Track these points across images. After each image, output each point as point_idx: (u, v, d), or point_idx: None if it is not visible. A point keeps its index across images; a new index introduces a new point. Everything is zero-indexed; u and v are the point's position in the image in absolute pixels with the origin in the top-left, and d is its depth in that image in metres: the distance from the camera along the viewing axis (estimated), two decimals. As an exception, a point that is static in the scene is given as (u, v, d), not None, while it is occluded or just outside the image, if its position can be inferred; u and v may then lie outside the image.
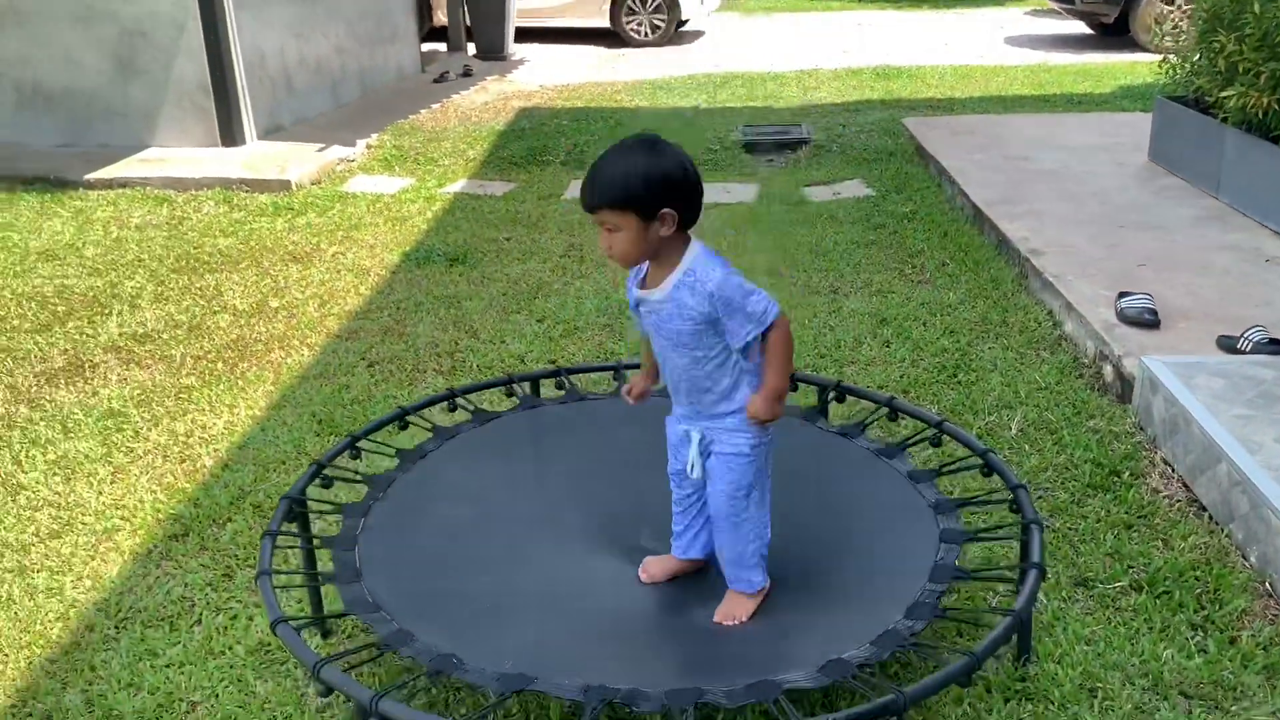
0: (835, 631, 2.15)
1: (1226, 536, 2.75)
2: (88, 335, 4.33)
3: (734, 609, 2.30)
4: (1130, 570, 2.64)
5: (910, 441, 2.81)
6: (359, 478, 2.73)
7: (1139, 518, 2.87)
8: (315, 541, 2.51)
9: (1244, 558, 2.67)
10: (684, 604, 2.35)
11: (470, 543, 2.49)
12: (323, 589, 2.53)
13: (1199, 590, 2.56)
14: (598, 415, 3.02)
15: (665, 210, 2.05)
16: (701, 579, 2.40)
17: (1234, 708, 2.20)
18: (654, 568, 2.42)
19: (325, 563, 2.49)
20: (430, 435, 2.91)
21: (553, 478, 2.75)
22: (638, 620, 2.30)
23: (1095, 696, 2.23)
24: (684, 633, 2.27)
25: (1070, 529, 2.83)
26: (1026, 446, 3.24)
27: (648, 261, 2.15)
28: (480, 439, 2.89)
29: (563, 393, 3.14)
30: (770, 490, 2.29)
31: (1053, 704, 2.21)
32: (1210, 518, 2.84)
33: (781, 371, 2.14)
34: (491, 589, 2.32)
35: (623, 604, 2.32)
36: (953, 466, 2.69)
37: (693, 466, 2.25)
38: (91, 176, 6.59)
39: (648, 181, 2.03)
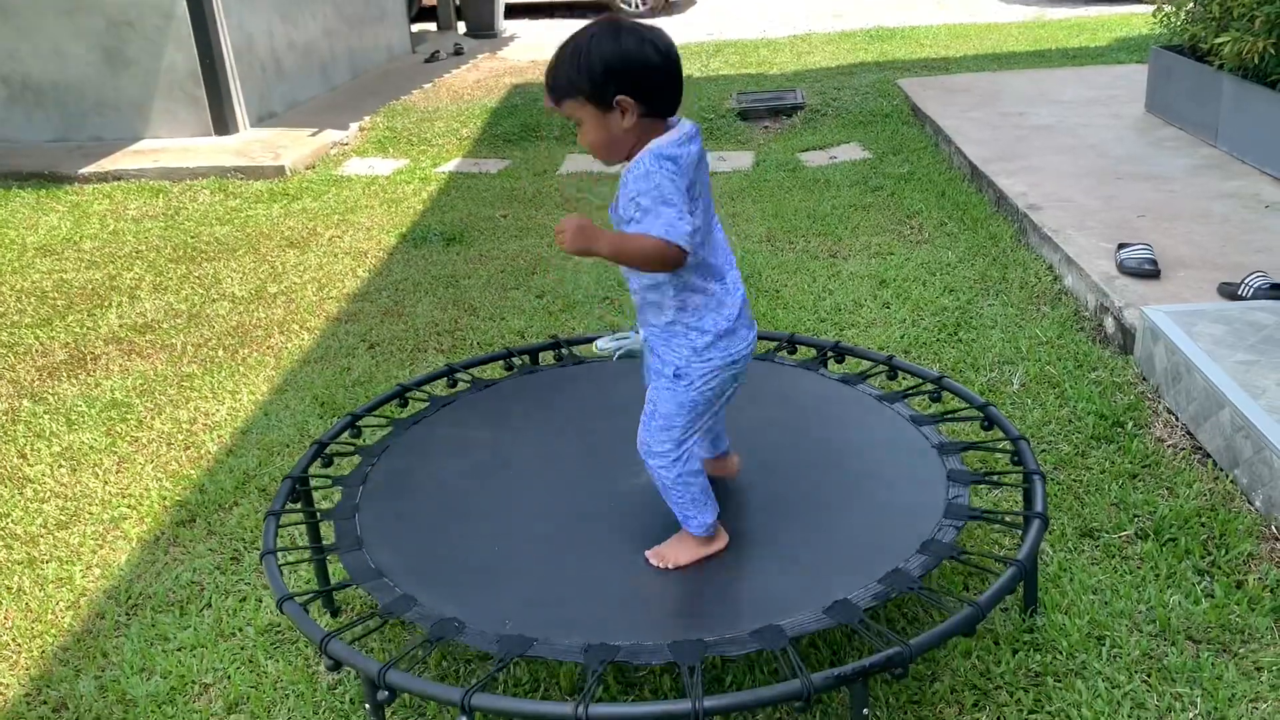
0: (841, 569, 2.11)
1: (1231, 482, 2.75)
2: (88, 327, 4.33)
3: (666, 551, 2.20)
4: (1135, 519, 2.64)
5: (909, 394, 2.79)
6: (358, 453, 2.73)
7: (1143, 467, 2.87)
8: (318, 519, 2.51)
9: (1249, 502, 2.67)
10: None
11: (467, 502, 2.44)
12: (331, 566, 2.54)
13: (1205, 536, 2.56)
14: (594, 374, 3.00)
15: (620, 98, 1.88)
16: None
17: (1242, 650, 2.21)
18: None
19: (329, 537, 2.50)
20: (426, 405, 2.90)
21: (549, 434, 2.71)
22: (636, 571, 2.24)
23: (1103, 644, 2.24)
24: (684, 580, 2.20)
25: (1075, 480, 2.83)
26: (1029, 401, 3.23)
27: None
28: (474, 401, 2.88)
29: (562, 365, 3.13)
30: (696, 444, 2.16)
31: (1060, 654, 2.22)
32: (1214, 464, 2.84)
33: (624, 242, 1.92)
34: (489, 548, 2.28)
35: (620, 555, 2.27)
36: (953, 417, 2.68)
37: (646, 373, 2.16)
38: (86, 170, 6.58)
39: (594, 68, 1.87)
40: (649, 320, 2.12)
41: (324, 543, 2.51)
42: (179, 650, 2.44)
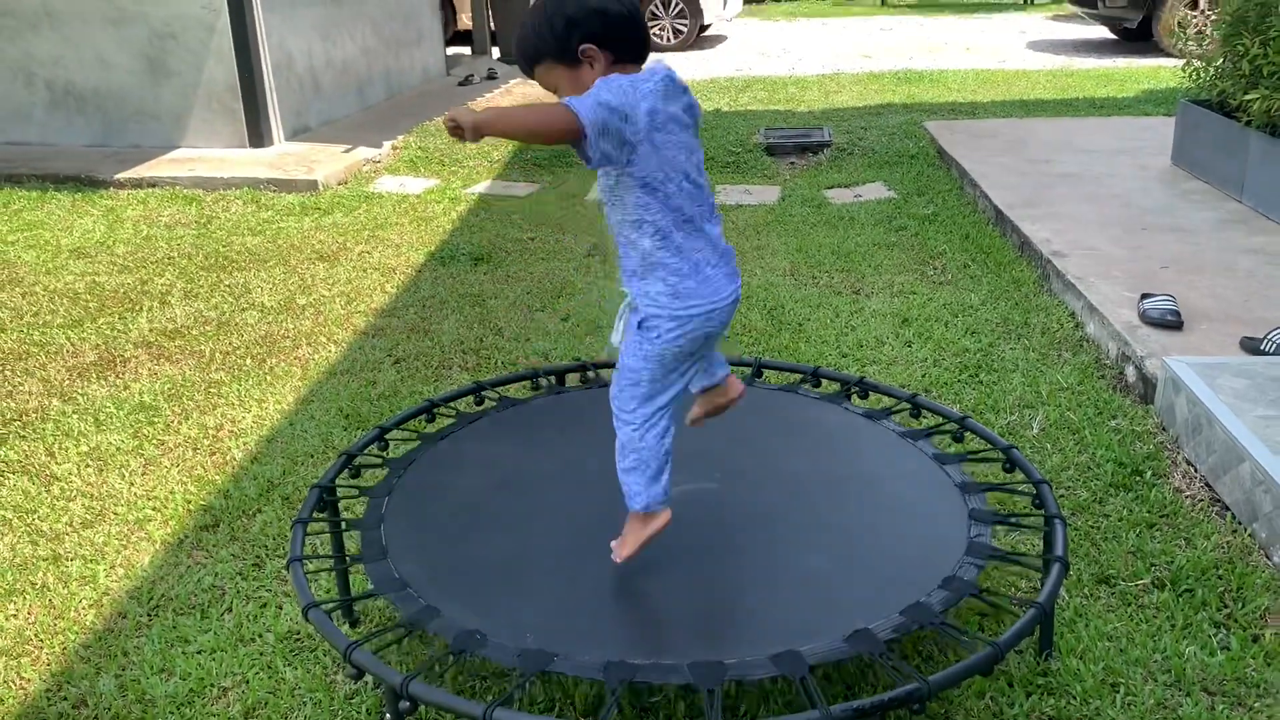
0: (861, 600, 2.13)
1: (1249, 536, 2.75)
2: (119, 331, 4.39)
3: (621, 540, 2.21)
4: (1152, 568, 2.65)
5: (932, 434, 2.82)
6: (385, 465, 2.77)
7: (1161, 517, 2.88)
8: (344, 528, 2.54)
9: (1267, 557, 2.68)
10: (704, 572, 2.34)
11: (490, 516, 2.48)
12: (351, 576, 2.57)
13: (1222, 589, 2.56)
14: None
15: (584, 47, 1.93)
16: (722, 551, 2.40)
17: (1257, 704, 2.21)
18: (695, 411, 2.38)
19: (354, 548, 2.53)
20: (453, 421, 2.93)
21: (573, 453, 2.75)
22: (658, 589, 2.27)
23: (1117, 692, 2.24)
24: (705, 601, 2.23)
25: (1092, 527, 2.84)
26: (1048, 445, 3.25)
27: None
28: (500, 420, 2.92)
29: (587, 386, 3.17)
30: (666, 414, 2.14)
31: (1074, 699, 2.23)
32: (1233, 517, 2.85)
33: (513, 113, 1.90)
34: (512, 563, 2.32)
35: (642, 572, 2.29)
36: (975, 458, 2.70)
37: (615, 330, 2.15)
38: (122, 176, 6.68)
39: (551, 25, 1.93)
40: (627, 266, 2.11)
41: (347, 553, 2.54)
42: (199, 653, 2.46)
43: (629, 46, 1.98)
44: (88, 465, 3.33)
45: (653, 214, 2.01)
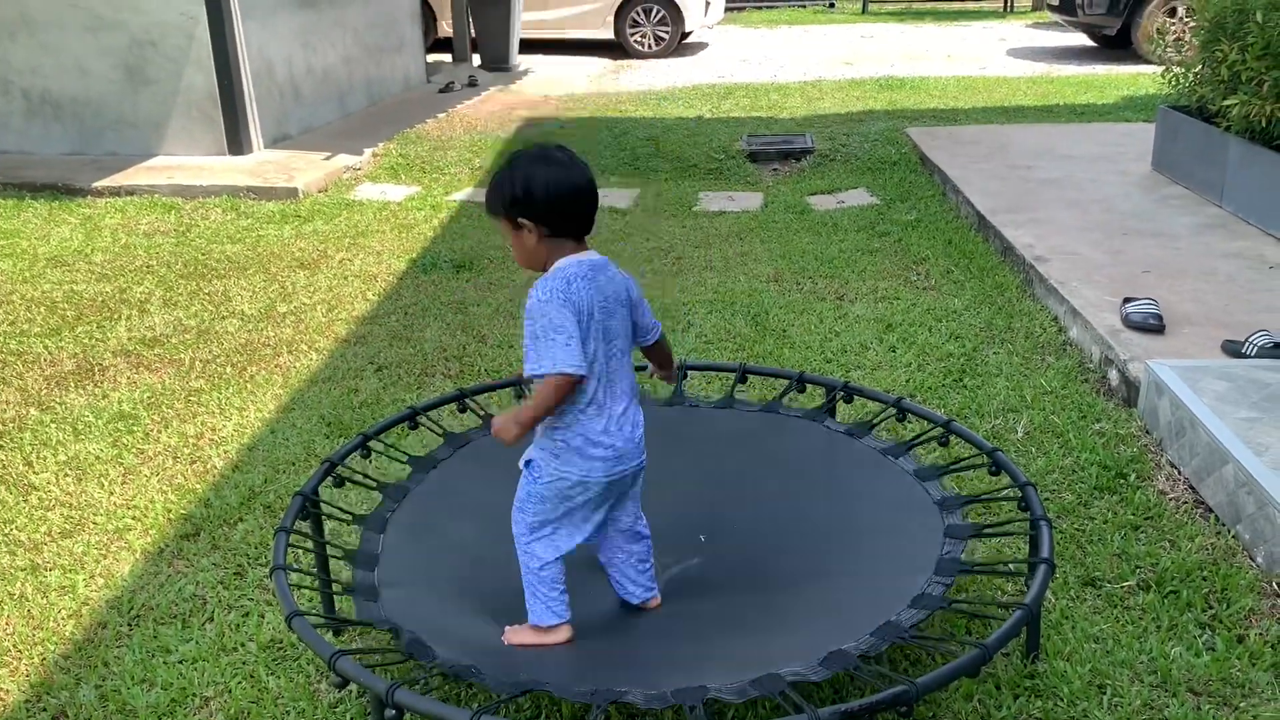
0: (837, 624, 2.16)
1: (1233, 537, 2.76)
2: (97, 339, 4.35)
3: (517, 630, 2.29)
4: (1138, 570, 2.65)
5: (917, 441, 2.83)
6: (372, 483, 2.75)
7: (1146, 519, 2.89)
8: (329, 547, 2.52)
9: (1251, 558, 2.69)
10: (691, 608, 2.37)
11: (485, 553, 2.49)
12: (335, 592, 2.54)
13: (1206, 590, 2.57)
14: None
15: (521, 220, 2.11)
16: (709, 580, 2.42)
17: (1243, 704, 2.21)
18: None
19: (339, 562, 2.51)
20: (442, 441, 2.92)
21: None
22: (640, 624, 2.33)
23: (1104, 693, 2.24)
24: (685, 635, 2.28)
25: (1077, 530, 2.85)
26: (1033, 449, 3.26)
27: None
28: (491, 446, 2.92)
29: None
30: (564, 543, 2.23)
31: (1061, 700, 2.23)
32: (1216, 519, 2.86)
33: (531, 409, 2.10)
34: (505, 597, 2.34)
35: (621, 607, 2.36)
36: (960, 465, 2.71)
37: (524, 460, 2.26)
38: (100, 184, 6.63)
39: (503, 192, 2.12)
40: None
41: (330, 561, 2.52)
42: (180, 662, 2.44)
43: (564, 225, 2.14)
44: (66, 474, 3.30)
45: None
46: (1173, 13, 10.59)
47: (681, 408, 3.11)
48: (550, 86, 10.66)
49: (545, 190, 2.09)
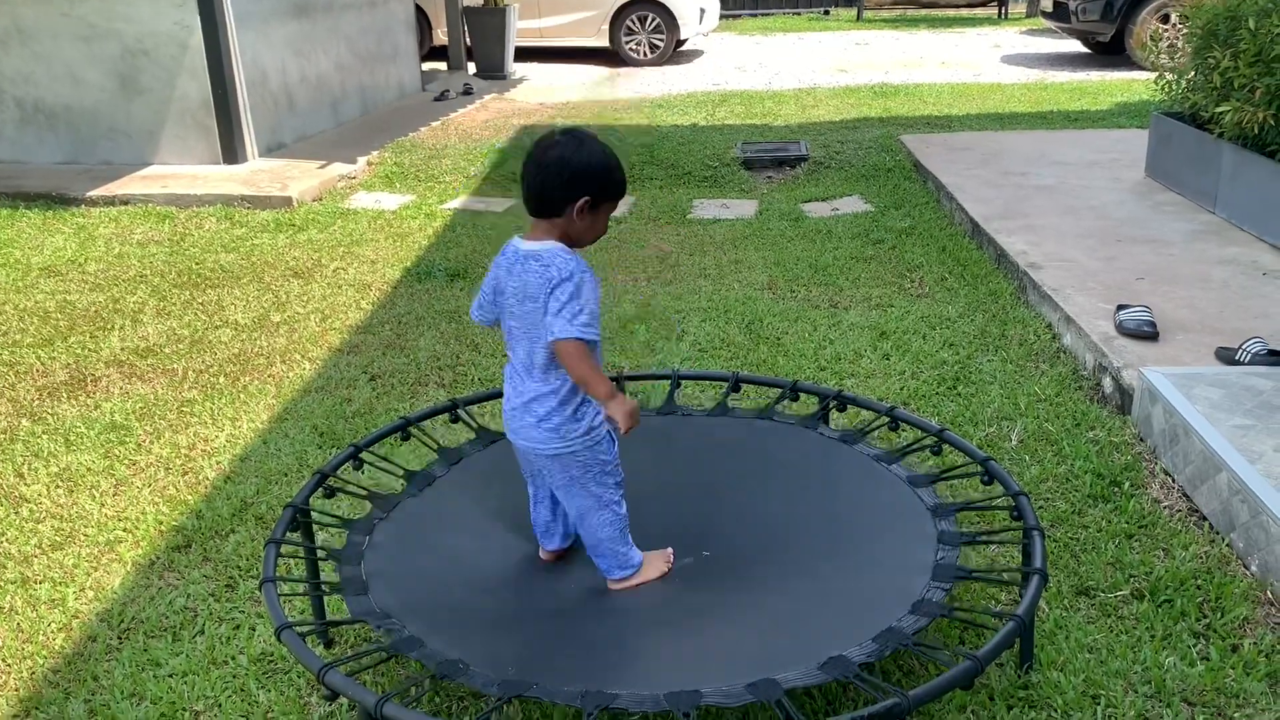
0: (835, 629, 2.15)
1: (1227, 545, 2.76)
2: (90, 350, 4.34)
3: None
4: (1131, 579, 2.65)
5: (910, 449, 2.82)
6: (363, 491, 2.74)
7: (1140, 527, 2.88)
8: (320, 553, 2.51)
9: (1245, 566, 2.68)
10: (685, 608, 2.35)
11: (473, 555, 2.49)
12: (326, 601, 2.53)
13: (1200, 599, 2.56)
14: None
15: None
16: (702, 584, 2.40)
17: (1237, 714, 2.20)
18: None
19: (329, 573, 2.50)
20: (436, 457, 2.92)
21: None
22: (634, 625, 2.30)
23: (1098, 704, 2.23)
24: (680, 637, 2.26)
25: (1071, 539, 2.84)
26: (1027, 457, 3.25)
27: None
28: (478, 453, 2.91)
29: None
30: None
31: (1055, 711, 2.22)
32: (1210, 527, 2.85)
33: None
34: (494, 597, 2.33)
35: (619, 609, 2.32)
36: (953, 474, 2.70)
37: None
38: (94, 193, 6.62)
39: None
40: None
41: (322, 574, 2.51)
42: (170, 676, 2.42)
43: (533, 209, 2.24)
44: (57, 486, 3.28)
45: None
46: (1166, 19, 10.62)
47: (675, 416, 3.10)
48: (545, 94, 10.67)
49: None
